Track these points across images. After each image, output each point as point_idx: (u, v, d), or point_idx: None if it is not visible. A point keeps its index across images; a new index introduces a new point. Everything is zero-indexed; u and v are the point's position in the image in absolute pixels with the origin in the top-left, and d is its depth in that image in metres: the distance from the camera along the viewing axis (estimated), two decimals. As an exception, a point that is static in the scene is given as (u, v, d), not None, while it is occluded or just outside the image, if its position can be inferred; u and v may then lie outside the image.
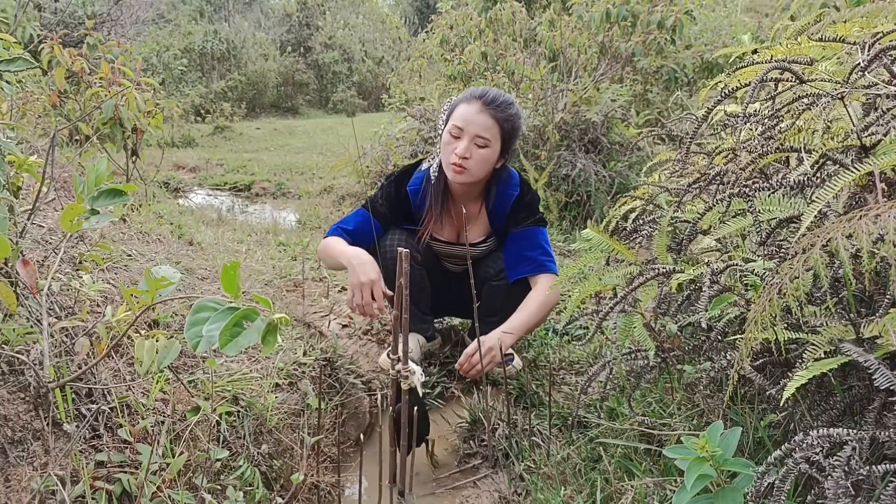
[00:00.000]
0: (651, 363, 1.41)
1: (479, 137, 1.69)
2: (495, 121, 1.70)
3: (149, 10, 12.32)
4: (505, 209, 1.87)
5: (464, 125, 1.69)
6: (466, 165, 1.71)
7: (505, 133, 1.72)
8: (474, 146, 1.70)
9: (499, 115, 1.70)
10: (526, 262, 1.84)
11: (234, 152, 8.05)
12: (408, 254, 1.34)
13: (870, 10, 1.43)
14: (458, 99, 1.76)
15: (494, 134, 1.70)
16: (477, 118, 1.69)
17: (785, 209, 1.17)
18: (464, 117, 1.70)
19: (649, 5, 4.22)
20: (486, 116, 1.69)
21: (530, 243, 1.85)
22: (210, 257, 2.52)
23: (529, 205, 1.88)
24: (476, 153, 1.70)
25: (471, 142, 1.69)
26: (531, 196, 1.89)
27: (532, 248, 1.84)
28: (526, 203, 1.87)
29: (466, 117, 1.70)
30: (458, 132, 1.71)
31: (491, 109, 1.69)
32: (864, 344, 0.98)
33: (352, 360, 1.96)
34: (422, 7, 18.22)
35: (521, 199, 1.87)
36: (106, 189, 1.12)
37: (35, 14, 6.81)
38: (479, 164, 1.73)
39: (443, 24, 5.48)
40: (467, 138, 1.69)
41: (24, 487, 1.09)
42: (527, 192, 1.88)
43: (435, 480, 1.65)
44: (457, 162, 1.71)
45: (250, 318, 0.91)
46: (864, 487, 0.90)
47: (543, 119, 4.00)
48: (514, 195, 1.86)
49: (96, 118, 3.08)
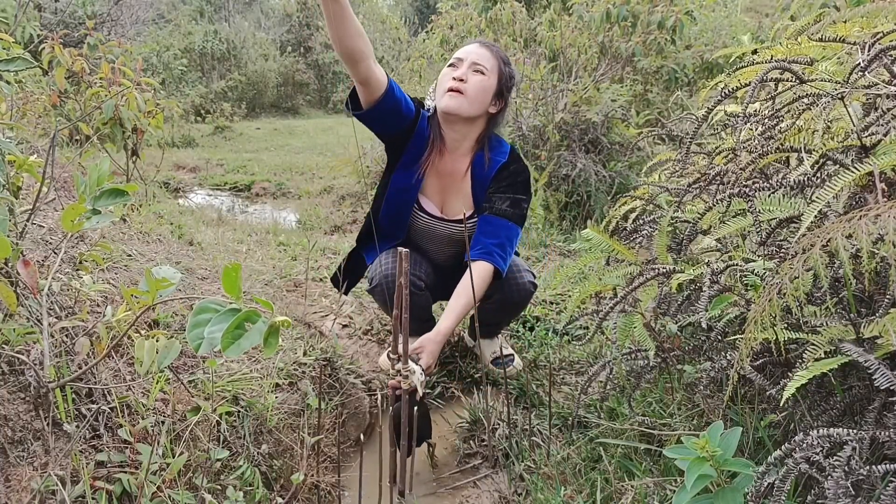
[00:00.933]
0: (651, 363, 1.41)
1: (477, 64, 1.72)
2: (493, 54, 1.74)
3: (149, 10, 12.32)
4: (490, 175, 1.82)
5: (463, 55, 1.74)
6: (463, 88, 1.70)
7: (501, 72, 1.75)
8: (471, 72, 1.72)
9: (496, 52, 1.76)
10: (476, 245, 1.76)
11: (234, 152, 8.05)
12: (408, 253, 1.34)
13: (870, 10, 1.43)
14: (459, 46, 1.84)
15: (492, 66, 1.74)
16: (475, 49, 1.74)
17: (785, 209, 1.17)
18: (463, 50, 1.76)
19: (649, 5, 4.22)
20: (484, 49, 1.74)
21: (492, 230, 1.77)
22: (210, 257, 2.52)
23: (514, 175, 1.82)
24: (473, 78, 1.72)
25: (469, 68, 1.72)
26: (517, 166, 1.84)
27: (489, 236, 1.76)
28: (511, 172, 1.82)
29: (465, 50, 1.75)
30: (457, 62, 1.74)
31: (488, 46, 1.76)
32: (864, 344, 0.98)
33: (352, 360, 1.96)
34: (422, 7, 18.22)
35: (506, 166, 1.82)
36: (107, 189, 1.12)
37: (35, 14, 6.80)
38: (476, 90, 1.71)
39: (443, 24, 5.48)
40: (465, 65, 1.72)
41: (25, 487, 1.09)
42: (513, 161, 1.84)
43: (435, 480, 1.65)
44: (454, 86, 1.70)
45: (252, 320, 0.91)
46: (864, 487, 0.90)
47: (543, 119, 4.00)
48: (500, 162, 1.82)
49: (96, 118, 3.08)
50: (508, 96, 1.79)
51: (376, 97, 1.61)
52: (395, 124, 1.73)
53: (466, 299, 1.68)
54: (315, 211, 4.72)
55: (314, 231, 4.10)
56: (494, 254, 1.74)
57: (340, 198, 5.21)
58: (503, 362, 1.90)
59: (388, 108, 1.65)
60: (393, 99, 1.65)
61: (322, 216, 4.57)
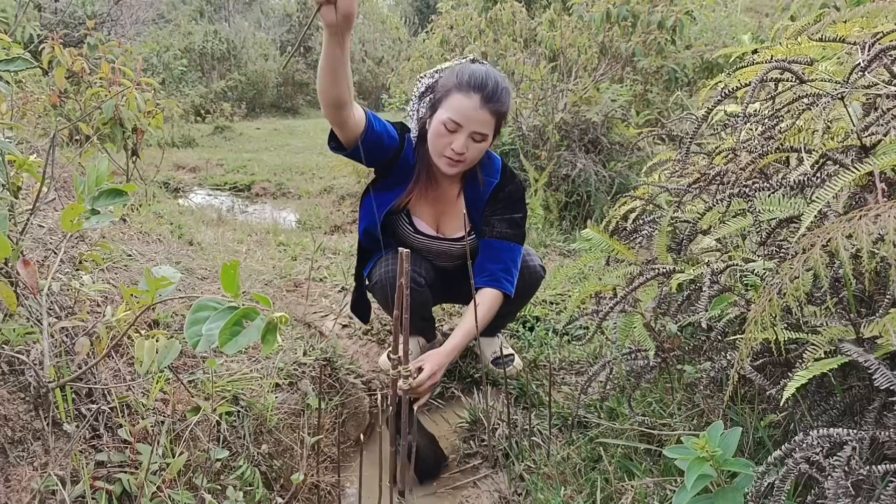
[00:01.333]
0: (651, 363, 1.41)
1: (477, 133, 1.61)
2: (494, 115, 1.62)
3: (149, 10, 12.32)
4: (483, 196, 1.79)
5: (463, 122, 1.59)
6: (462, 159, 1.65)
7: (499, 122, 1.66)
8: (471, 140, 1.62)
9: (499, 109, 1.61)
10: (482, 272, 1.76)
11: (234, 152, 8.05)
12: (408, 253, 1.34)
13: (870, 10, 1.43)
14: (452, 79, 1.61)
15: (491, 126, 1.64)
16: (477, 115, 1.59)
17: (785, 209, 1.17)
18: (463, 113, 1.59)
19: (649, 5, 4.22)
20: (486, 112, 1.59)
21: (495, 255, 1.77)
22: (210, 257, 2.52)
23: (509, 197, 1.79)
24: (472, 147, 1.64)
25: (468, 137, 1.61)
26: (512, 187, 1.80)
27: (494, 261, 1.76)
28: (506, 193, 1.79)
29: (466, 113, 1.58)
30: (455, 127, 1.60)
31: (492, 105, 1.59)
32: (864, 344, 0.98)
33: (352, 360, 1.96)
34: (422, 7, 18.21)
35: (500, 188, 1.79)
36: (106, 189, 1.12)
37: (35, 14, 6.81)
38: (475, 156, 1.67)
39: (443, 24, 5.48)
40: (464, 135, 1.61)
41: (24, 487, 1.09)
42: (507, 182, 1.80)
43: (435, 480, 1.65)
44: (453, 158, 1.64)
45: (250, 317, 0.91)
46: (864, 487, 0.90)
47: (543, 119, 4.00)
48: (493, 183, 1.79)
49: (96, 118, 3.08)
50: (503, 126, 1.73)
51: (354, 137, 1.58)
52: (378, 157, 1.71)
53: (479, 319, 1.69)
54: (315, 211, 4.72)
55: (314, 231, 4.10)
56: (502, 279, 1.76)
57: (340, 198, 5.21)
58: (503, 362, 1.90)
59: (368, 146, 1.61)
60: (373, 136, 1.61)
61: (322, 216, 4.57)
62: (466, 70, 1.61)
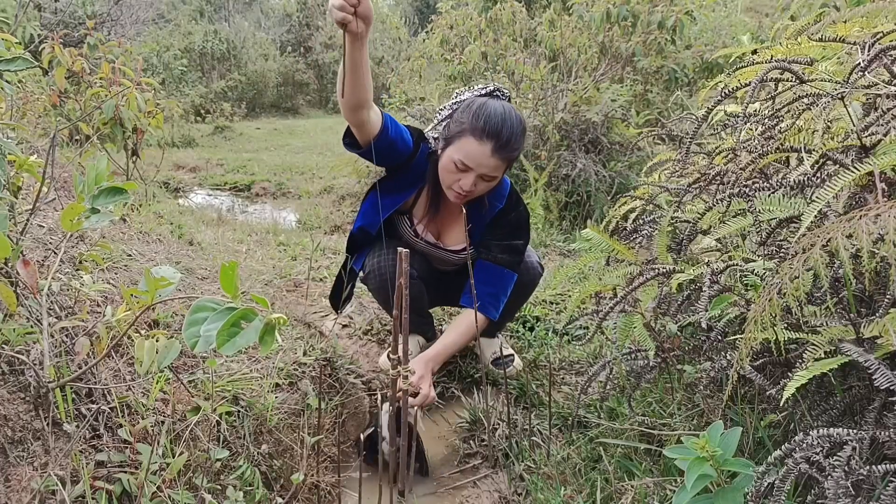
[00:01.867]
0: (651, 363, 1.41)
1: (486, 175, 1.62)
2: (505, 161, 1.61)
3: (149, 10, 12.32)
4: (486, 219, 1.81)
5: (473, 166, 1.59)
6: (470, 195, 1.67)
7: (510, 163, 1.66)
8: (480, 179, 1.63)
9: (510, 156, 1.61)
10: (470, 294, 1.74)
11: (234, 152, 8.05)
12: (408, 253, 1.34)
13: (870, 10, 1.43)
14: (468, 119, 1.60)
15: (501, 170, 1.64)
16: (488, 162, 1.58)
17: (785, 209, 1.17)
18: (473, 158, 1.58)
19: (649, 5, 4.22)
20: (496, 160, 1.59)
21: (487, 279, 1.78)
22: (210, 257, 2.52)
23: (512, 223, 1.81)
24: (481, 185, 1.65)
25: (477, 177, 1.62)
26: (516, 214, 1.81)
27: (486, 284, 1.77)
28: (509, 220, 1.81)
29: (476, 159, 1.58)
30: (465, 168, 1.61)
31: (504, 153, 1.59)
32: (864, 344, 0.98)
33: (352, 360, 1.96)
34: (422, 7, 18.22)
35: (503, 214, 1.80)
36: (106, 188, 1.12)
37: (35, 14, 6.81)
38: (483, 191, 1.69)
39: (443, 24, 5.48)
40: (473, 175, 1.61)
41: (24, 487, 1.09)
42: (512, 208, 1.81)
43: (435, 480, 1.65)
44: (461, 192, 1.65)
45: (248, 318, 0.91)
46: (864, 487, 0.90)
47: (543, 119, 4.00)
48: (497, 208, 1.80)
49: (97, 118, 3.08)
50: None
51: (370, 138, 1.59)
52: (390, 160, 1.72)
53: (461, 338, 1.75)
54: (315, 211, 4.72)
55: (314, 231, 4.10)
56: (488, 305, 1.78)
57: (340, 198, 5.21)
58: (503, 362, 1.91)
59: (381, 148, 1.62)
60: (387, 140, 1.62)
61: (322, 216, 4.57)
62: (483, 112, 1.58)
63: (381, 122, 1.59)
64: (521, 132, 1.62)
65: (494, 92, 1.69)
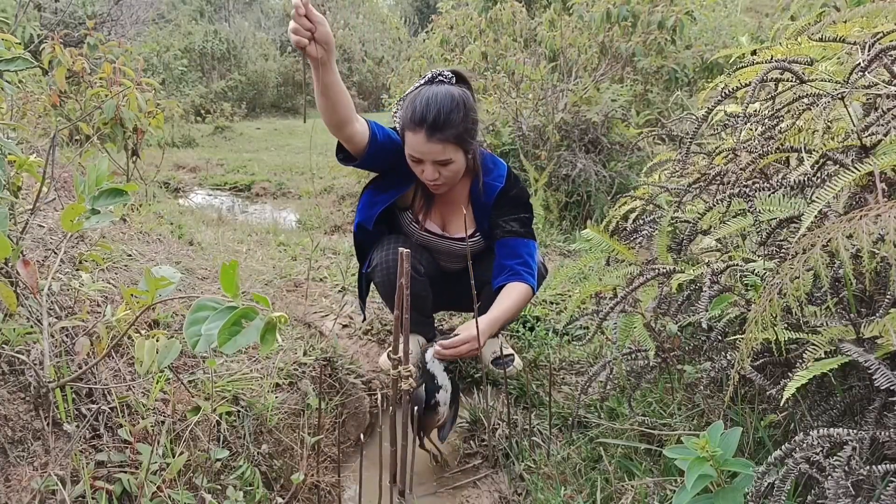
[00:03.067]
0: (651, 363, 1.41)
1: (439, 162, 1.65)
2: (445, 142, 1.62)
3: (149, 10, 12.32)
4: (489, 201, 1.83)
5: (420, 156, 1.65)
6: (440, 182, 1.70)
7: (460, 140, 1.65)
8: (439, 166, 1.66)
9: (448, 135, 1.61)
10: (503, 270, 1.80)
11: (235, 152, 8.05)
12: (409, 253, 1.34)
13: (870, 10, 1.43)
14: (406, 114, 1.65)
15: (451, 149, 1.64)
16: (427, 147, 1.62)
17: (785, 209, 1.17)
18: (416, 148, 1.64)
19: (650, 5, 4.22)
20: (434, 144, 1.61)
21: (511, 251, 1.80)
22: (210, 257, 2.52)
23: (515, 200, 1.82)
24: (443, 170, 1.68)
25: (434, 165, 1.66)
26: (517, 191, 1.84)
27: (511, 257, 1.79)
28: (511, 197, 1.82)
29: (418, 148, 1.63)
30: (418, 159, 1.66)
31: (439, 135, 1.60)
32: (864, 344, 0.98)
33: (352, 360, 1.96)
34: (422, 7, 18.21)
35: (504, 193, 1.82)
36: (106, 189, 1.12)
37: (35, 14, 6.81)
38: (452, 175, 1.70)
39: (443, 24, 5.48)
40: (429, 164, 1.66)
41: (25, 487, 1.09)
42: (512, 186, 1.83)
43: (435, 480, 1.65)
44: (432, 184, 1.70)
45: (249, 317, 0.91)
46: (864, 487, 0.90)
47: (543, 119, 4.00)
48: (497, 188, 1.81)
49: (97, 118, 3.08)
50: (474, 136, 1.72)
51: (362, 148, 1.65)
52: (386, 162, 1.76)
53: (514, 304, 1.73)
54: (315, 211, 4.72)
55: (314, 231, 4.10)
56: (522, 272, 1.77)
57: (340, 198, 5.21)
58: (503, 362, 1.90)
59: (375, 153, 1.67)
60: (377, 145, 1.67)
61: (322, 216, 4.57)
62: (412, 103, 1.63)
63: (369, 131, 1.65)
64: (454, 108, 1.61)
65: (436, 78, 1.70)
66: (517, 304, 1.74)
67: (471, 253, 1.73)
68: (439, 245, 1.93)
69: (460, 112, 1.63)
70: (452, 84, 1.69)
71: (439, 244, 1.93)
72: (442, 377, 1.62)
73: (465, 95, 1.66)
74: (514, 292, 1.74)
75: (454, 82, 1.70)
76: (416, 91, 1.68)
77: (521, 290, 1.75)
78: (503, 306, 1.72)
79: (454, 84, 1.69)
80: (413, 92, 1.69)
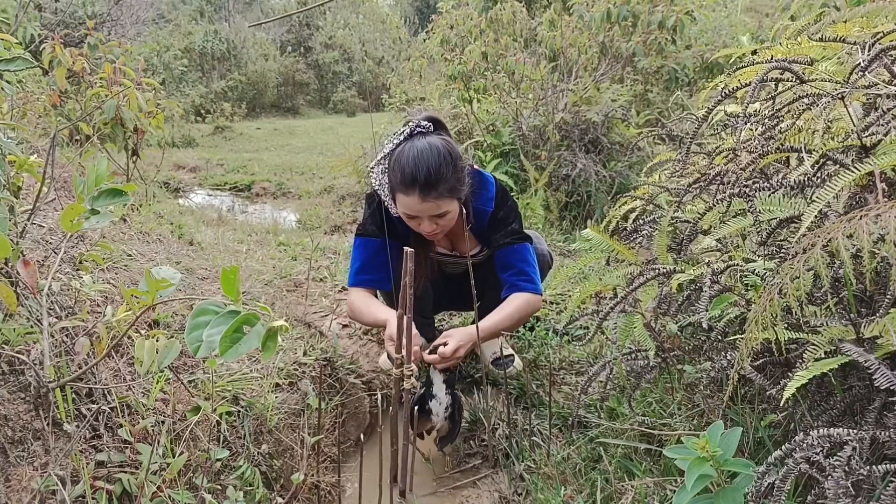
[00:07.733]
0: (651, 363, 1.41)
1: (435, 217, 1.63)
2: (439, 199, 1.59)
3: (149, 10, 12.32)
4: (483, 227, 1.83)
5: (416, 214, 1.62)
6: (438, 231, 1.68)
7: (454, 191, 1.62)
8: (436, 219, 1.63)
9: (441, 191, 1.58)
10: (503, 285, 1.81)
11: (235, 152, 8.05)
12: (412, 253, 1.34)
13: (870, 10, 1.43)
14: (394, 176, 1.61)
15: (446, 203, 1.61)
16: (423, 207, 1.59)
17: (785, 209, 1.17)
18: (410, 208, 1.61)
19: (650, 5, 4.22)
20: (430, 203, 1.58)
21: (504, 264, 1.81)
22: (210, 257, 2.52)
23: (503, 221, 1.82)
24: (440, 221, 1.65)
25: (431, 219, 1.63)
26: (504, 211, 1.82)
27: (505, 269, 1.81)
28: (499, 220, 1.82)
29: (413, 208, 1.60)
30: (411, 217, 1.65)
31: (433, 194, 1.57)
32: (864, 344, 0.98)
33: (352, 360, 1.96)
34: (422, 7, 18.21)
35: (494, 217, 1.81)
36: (106, 189, 1.12)
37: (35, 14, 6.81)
38: (449, 223, 1.69)
39: (443, 24, 5.47)
40: (426, 219, 1.63)
41: (25, 487, 1.09)
42: (500, 207, 1.81)
43: (435, 480, 1.65)
44: (430, 236, 1.69)
45: (251, 323, 0.90)
46: (864, 487, 0.90)
47: (543, 119, 4.00)
48: (489, 212, 1.81)
49: (97, 118, 3.08)
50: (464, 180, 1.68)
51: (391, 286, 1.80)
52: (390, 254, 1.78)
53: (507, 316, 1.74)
54: (315, 211, 4.72)
55: (314, 231, 4.10)
56: (518, 283, 1.79)
57: (340, 198, 5.21)
58: (503, 362, 1.91)
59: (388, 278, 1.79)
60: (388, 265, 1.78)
61: (322, 216, 4.57)
62: (399, 163, 1.58)
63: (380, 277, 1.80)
64: (442, 163, 1.57)
65: (414, 131, 1.64)
66: (515, 310, 1.75)
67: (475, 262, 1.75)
68: (448, 261, 1.96)
69: (449, 166, 1.59)
70: (431, 133, 1.64)
71: (450, 261, 1.96)
72: (439, 388, 1.63)
73: (449, 145, 1.62)
74: (514, 301, 1.76)
75: (432, 130, 1.66)
76: (398, 149, 1.62)
77: (520, 298, 1.76)
78: (500, 315, 1.74)
79: (433, 133, 1.65)
80: (395, 150, 1.63)
